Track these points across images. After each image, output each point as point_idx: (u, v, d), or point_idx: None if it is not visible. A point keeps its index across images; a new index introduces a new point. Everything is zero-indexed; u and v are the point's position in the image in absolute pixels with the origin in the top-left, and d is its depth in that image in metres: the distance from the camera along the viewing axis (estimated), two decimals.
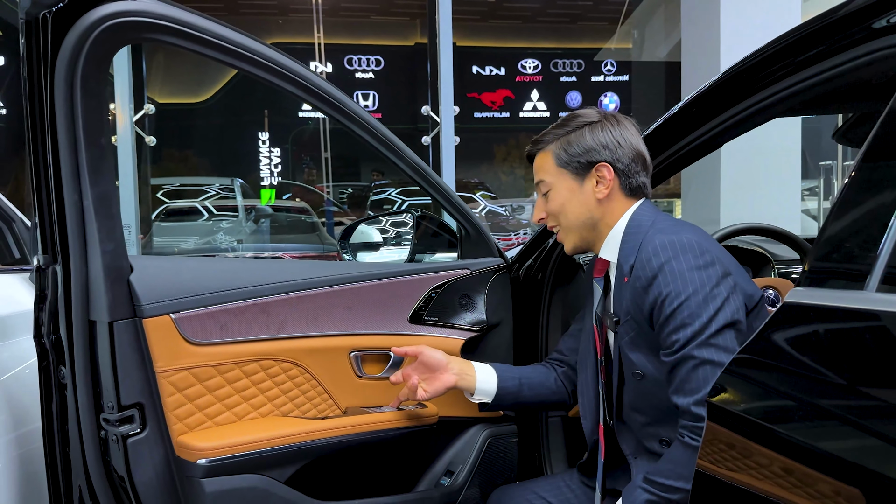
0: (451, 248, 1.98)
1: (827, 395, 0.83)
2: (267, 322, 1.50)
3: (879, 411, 0.77)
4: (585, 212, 1.41)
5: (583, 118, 1.42)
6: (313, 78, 1.46)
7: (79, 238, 1.26)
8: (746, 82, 1.34)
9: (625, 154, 1.39)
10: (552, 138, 1.44)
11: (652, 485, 1.24)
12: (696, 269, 1.24)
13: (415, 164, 1.67)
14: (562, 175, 1.42)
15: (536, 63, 12.19)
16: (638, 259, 1.30)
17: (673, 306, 1.23)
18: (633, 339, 1.33)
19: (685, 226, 1.35)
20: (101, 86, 1.21)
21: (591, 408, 1.48)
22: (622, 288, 1.35)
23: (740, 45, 4.46)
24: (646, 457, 1.37)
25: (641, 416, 1.36)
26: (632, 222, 1.38)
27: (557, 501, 1.54)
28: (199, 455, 1.35)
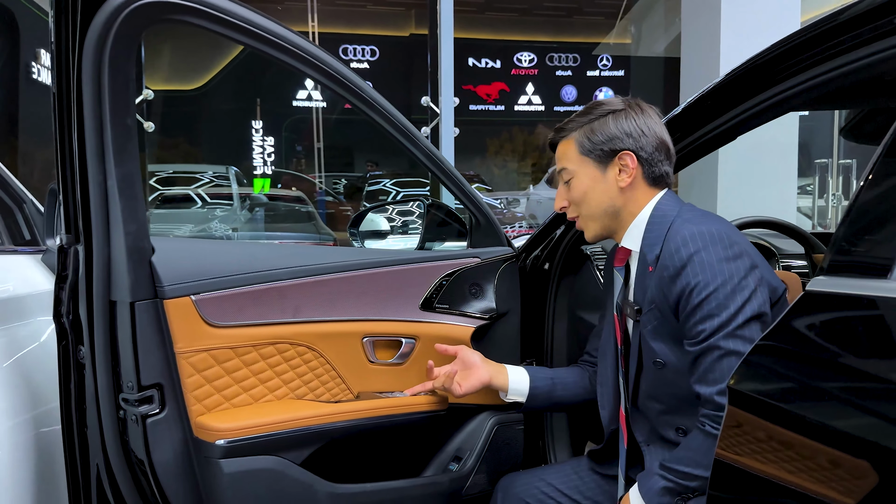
0: (460, 237, 2.00)
1: (850, 381, 0.86)
2: (283, 306, 1.51)
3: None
4: (607, 200, 1.40)
5: (606, 106, 1.41)
6: (335, 64, 1.47)
7: (102, 218, 1.27)
8: (766, 74, 1.36)
9: (648, 143, 1.39)
10: (575, 126, 1.43)
11: (670, 472, 1.26)
12: (725, 260, 1.24)
13: (430, 153, 1.69)
14: (584, 163, 1.41)
15: (532, 56, 12.19)
16: (665, 249, 1.30)
17: (701, 297, 1.23)
18: (656, 328, 1.34)
19: (712, 216, 1.35)
20: (129, 66, 1.21)
21: (610, 397, 1.50)
22: (645, 277, 1.35)
23: (740, 41, 4.50)
24: (659, 444, 1.39)
25: (658, 404, 1.37)
26: (656, 211, 1.38)
27: (566, 488, 1.55)
28: (217, 436, 1.37)
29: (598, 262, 2.00)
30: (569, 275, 1.98)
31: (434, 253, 1.84)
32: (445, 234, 2.00)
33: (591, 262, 1.99)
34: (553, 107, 12.21)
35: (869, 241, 0.93)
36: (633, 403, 1.42)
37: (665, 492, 1.26)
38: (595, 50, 11.95)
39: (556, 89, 12.23)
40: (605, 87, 12.07)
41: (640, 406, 1.42)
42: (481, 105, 11.76)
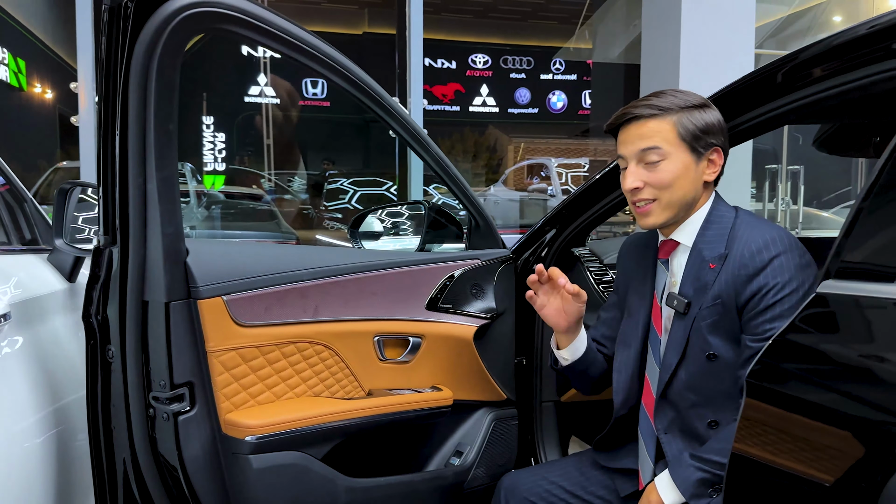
0: (457, 239, 2.07)
1: (860, 376, 0.96)
2: (304, 306, 1.56)
3: None
4: (692, 191, 1.40)
5: (694, 98, 1.40)
6: (361, 74, 1.53)
7: (140, 220, 1.29)
8: (762, 90, 1.46)
9: (727, 145, 1.43)
10: (674, 107, 1.38)
11: (707, 463, 1.32)
12: (801, 266, 1.31)
13: (438, 158, 1.76)
14: (681, 148, 1.38)
15: (487, 58, 12.33)
16: (743, 249, 1.34)
17: (777, 297, 1.29)
18: (717, 322, 1.36)
19: (770, 222, 1.42)
20: (175, 74, 1.25)
21: (626, 385, 1.53)
22: (701, 272, 1.38)
23: (699, 49, 4.69)
24: (678, 435, 1.43)
25: (695, 396, 1.40)
26: (715, 210, 1.42)
27: (570, 485, 1.59)
28: (247, 432, 1.41)
29: (588, 263, 2.10)
30: None
31: (437, 255, 1.91)
32: (444, 236, 2.07)
33: (582, 263, 2.08)
34: (507, 108, 12.36)
35: (877, 249, 1.04)
36: (663, 393, 1.44)
37: (701, 483, 1.32)
38: (557, 54, 12.15)
39: (510, 91, 12.38)
40: (558, 91, 12.29)
41: (671, 395, 1.43)
42: (437, 105, 11.84)
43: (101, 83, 1.27)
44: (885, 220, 1.04)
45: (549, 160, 9.90)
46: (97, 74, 1.27)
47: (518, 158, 12.72)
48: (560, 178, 9.47)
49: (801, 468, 0.97)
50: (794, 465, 0.98)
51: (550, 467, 1.68)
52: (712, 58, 4.68)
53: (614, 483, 1.58)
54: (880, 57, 1.20)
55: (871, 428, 0.89)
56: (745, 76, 1.50)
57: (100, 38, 1.24)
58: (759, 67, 1.46)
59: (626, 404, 1.54)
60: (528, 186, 10.12)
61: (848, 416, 0.93)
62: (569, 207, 1.95)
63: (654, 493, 1.39)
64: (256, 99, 10.92)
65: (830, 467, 0.93)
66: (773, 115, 1.47)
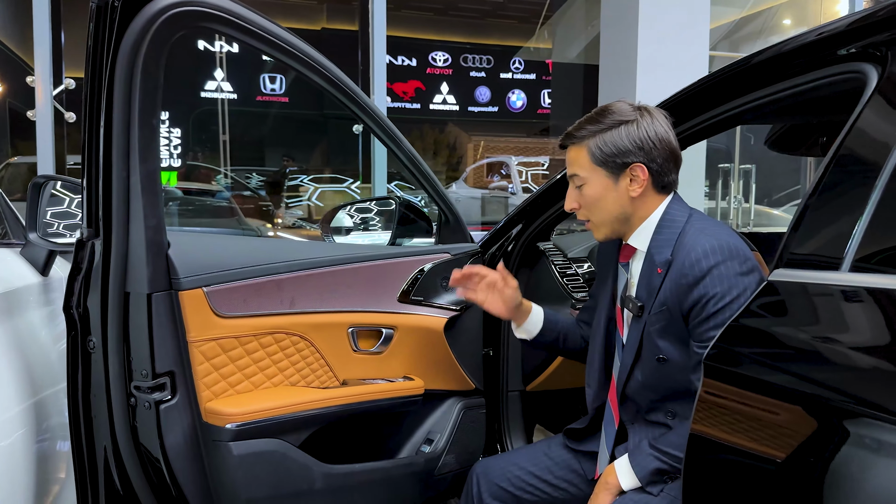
0: (427, 234, 2.13)
1: (807, 356, 1.04)
2: (281, 297, 1.60)
3: (852, 370, 0.97)
4: (619, 208, 1.48)
5: (617, 115, 1.45)
6: (339, 73, 1.57)
7: (123, 213, 1.32)
8: (716, 93, 1.55)
9: (659, 154, 1.45)
10: (587, 134, 1.46)
11: (663, 454, 1.40)
12: (741, 274, 1.34)
13: (411, 155, 1.81)
14: (596, 172, 1.47)
15: (447, 56, 12.36)
16: (685, 257, 1.38)
17: (718, 307, 1.33)
18: (665, 327, 1.42)
19: (722, 227, 1.45)
20: (159, 71, 1.28)
21: (597, 377, 1.62)
22: (652, 277, 1.44)
23: (656, 50, 4.81)
24: (643, 424, 1.52)
25: (653, 394, 1.48)
26: (666, 216, 1.47)
27: (537, 470, 1.67)
28: (227, 419, 1.45)
29: (553, 258, 2.18)
30: (524, 269, 2.14)
31: (409, 248, 1.96)
32: (414, 231, 2.13)
33: (547, 257, 2.16)
34: (467, 107, 12.43)
35: (822, 240, 1.13)
36: (624, 391, 1.53)
37: (657, 472, 1.41)
38: (518, 53, 12.25)
39: (470, 90, 12.45)
40: (517, 89, 12.40)
41: (631, 393, 1.52)
42: (398, 103, 11.85)
43: (86, 79, 1.29)
44: (829, 215, 1.12)
45: (509, 158, 10.00)
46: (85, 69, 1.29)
47: (478, 157, 12.81)
48: (520, 177, 9.59)
49: (755, 446, 1.03)
50: (747, 443, 1.04)
51: (519, 454, 1.75)
52: (668, 58, 4.81)
53: (581, 466, 1.67)
54: (827, 62, 1.29)
55: (819, 405, 0.95)
56: (700, 80, 1.59)
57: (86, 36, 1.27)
58: (713, 71, 1.55)
59: (598, 398, 1.62)
60: (489, 184, 10.22)
61: (797, 393, 0.99)
62: (533, 204, 2.03)
63: (613, 475, 1.47)
64: (213, 94, 10.79)
65: (782, 444, 0.99)
66: (726, 117, 1.56)
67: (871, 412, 0.88)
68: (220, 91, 10.71)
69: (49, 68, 4.32)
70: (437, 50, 12.25)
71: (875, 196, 1.02)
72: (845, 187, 1.11)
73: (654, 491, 1.42)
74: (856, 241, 1.03)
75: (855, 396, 0.92)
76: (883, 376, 0.92)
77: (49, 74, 4.32)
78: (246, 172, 10.84)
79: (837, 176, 1.12)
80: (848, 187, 1.11)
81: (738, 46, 8.47)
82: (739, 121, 1.62)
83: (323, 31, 11.88)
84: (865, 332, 1.00)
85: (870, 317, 1.01)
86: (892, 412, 0.85)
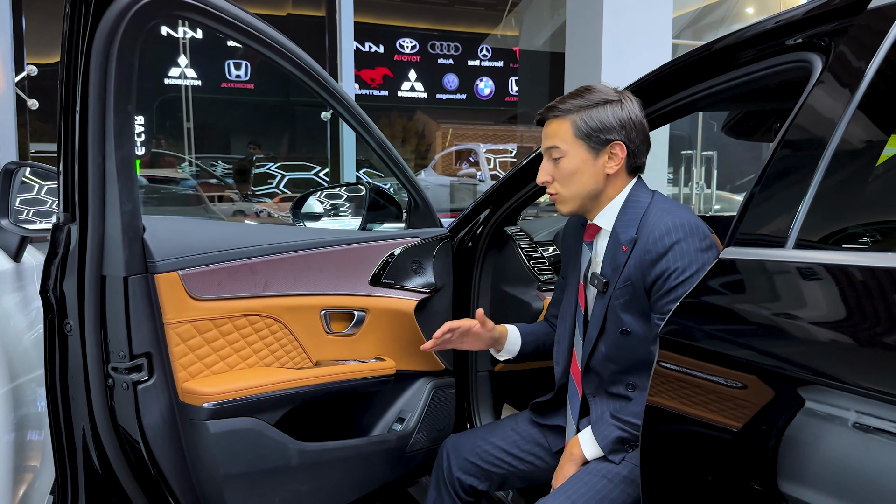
0: (397, 218, 2.17)
1: (757, 329, 1.11)
2: (255, 281, 1.63)
3: (796, 340, 1.03)
4: (592, 183, 1.52)
5: (602, 94, 1.51)
6: (309, 61, 1.61)
7: (99, 198, 1.35)
8: (673, 82, 1.61)
9: (637, 136, 1.52)
10: (572, 108, 1.51)
11: (624, 423, 1.47)
12: (701, 251, 1.42)
13: (381, 141, 1.85)
14: (577, 146, 1.51)
15: (414, 43, 12.31)
16: (648, 234, 1.45)
17: (678, 280, 1.41)
18: (628, 302, 1.49)
19: (683, 207, 1.52)
20: (135, 57, 1.30)
21: (565, 355, 1.67)
22: (617, 255, 1.50)
23: (621, 38, 4.89)
24: (604, 396, 1.59)
25: (615, 365, 1.54)
26: (632, 196, 1.53)
27: (506, 444, 1.73)
28: (204, 399, 1.48)
29: (520, 242, 2.24)
30: (493, 253, 2.20)
31: (380, 233, 2.01)
32: (384, 216, 2.17)
33: (514, 241, 2.22)
34: (435, 94, 12.42)
35: (768, 220, 1.20)
36: (587, 363, 1.59)
37: (619, 440, 1.48)
38: (485, 40, 12.25)
39: (438, 77, 12.43)
40: (485, 77, 12.43)
41: (594, 365, 1.58)
42: (366, 90, 11.80)
43: (62, 65, 1.31)
44: (775, 197, 1.19)
45: (477, 146, 10.05)
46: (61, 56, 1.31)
47: (447, 144, 12.82)
48: (489, 164, 9.64)
49: (710, 416, 1.09)
50: (703, 414, 1.10)
51: (488, 429, 1.81)
52: (632, 46, 4.89)
53: (546, 440, 1.73)
54: (783, 49, 1.34)
55: (767, 375, 1.02)
56: (662, 66, 1.65)
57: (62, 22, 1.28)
58: (675, 58, 1.61)
59: (565, 373, 1.68)
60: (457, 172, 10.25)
61: (746, 363, 1.05)
62: (501, 190, 2.08)
63: (577, 446, 1.54)
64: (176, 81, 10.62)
65: (734, 414, 1.05)
66: (687, 102, 1.62)
67: (814, 379, 0.95)
68: (183, 78, 10.56)
69: (10, 54, 4.26)
70: (404, 37, 12.20)
71: (816, 178, 1.09)
72: (790, 171, 1.18)
73: (615, 459, 1.49)
74: (799, 220, 1.10)
75: (800, 365, 0.98)
76: (823, 345, 0.99)
77: (10, 61, 4.26)
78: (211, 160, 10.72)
79: (783, 160, 1.19)
80: (793, 171, 1.17)
81: (702, 34, 8.59)
82: (697, 107, 1.68)
83: (289, 16, 11.74)
84: (808, 304, 1.07)
85: (811, 290, 1.08)
86: (831, 377, 0.92)
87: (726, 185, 7.45)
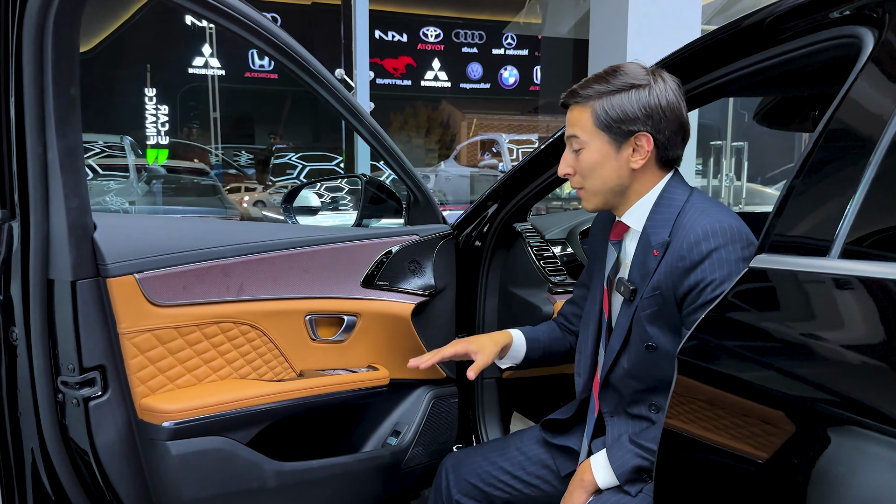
0: (396, 214, 2.01)
1: (792, 351, 0.94)
2: (227, 284, 1.48)
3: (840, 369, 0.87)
4: (616, 178, 1.35)
5: (630, 77, 1.32)
6: (288, 40, 1.44)
7: (41, 193, 1.20)
8: (699, 62, 1.43)
9: (667, 126, 1.32)
10: (594, 94, 1.33)
11: (644, 450, 1.30)
12: (742, 260, 1.23)
13: (373, 129, 1.69)
14: (598, 136, 1.34)
15: (438, 32, 12.17)
16: (683, 238, 1.28)
17: (715, 294, 1.21)
18: (656, 313, 1.32)
19: (724, 208, 1.33)
20: (74, 32, 1.15)
21: (587, 366, 1.50)
22: (647, 259, 1.33)
23: (647, 25, 4.68)
24: (623, 417, 1.42)
25: (638, 384, 1.37)
26: (665, 193, 1.35)
27: (510, 466, 1.57)
28: (164, 417, 1.33)
29: (530, 239, 2.06)
30: (501, 251, 2.03)
31: (374, 230, 1.84)
32: (382, 211, 2.01)
33: (523, 238, 2.05)
34: (459, 83, 12.26)
35: (808, 223, 1.02)
36: (606, 378, 1.42)
37: (637, 469, 1.30)
38: (505, 28, 12.05)
39: (462, 66, 12.27)
40: (510, 66, 12.23)
41: (614, 381, 1.41)
42: (388, 79, 11.67)
43: None
44: (817, 196, 1.01)
45: (499, 136, 9.87)
46: None
47: (471, 134, 12.67)
48: (511, 154, 9.46)
49: (733, 445, 0.94)
50: (726, 443, 0.95)
51: (491, 447, 1.66)
52: (659, 34, 4.67)
53: (554, 462, 1.57)
54: (827, 24, 1.16)
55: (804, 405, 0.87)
56: (685, 45, 1.47)
57: None
58: (699, 36, 1.43)
59: (587, 387, 1.51)
60: (479, 162, 10.09)
61: (780, 392, 0.90)
62: (509, 182, 1.91)
63: (589, 472, 1.37)
64: (202, 70, 10.60)
65: (763, 444, 0.91)
66: (714, 86, 1.44)
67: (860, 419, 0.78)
68: (208, 67, 10.52)
69: None
70: (428, 25, 12.04)
71: (868, 174, 0.91)
72: (835, 165, 1.00)
73: (631, 491, 1.32)
74: (846, 224, 0.92)
75: (844, 398, 0.83)
76: (874, 377, 0.82)
77: None
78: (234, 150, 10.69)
79: (827, 153, 1.01)
80: (838, 165, 1.00)
81: None
82: (725, 91, 1.50)
83: (313, 5, 11.66)
84: (855, 325, 0.90)
85: (860, 309, 0.91)
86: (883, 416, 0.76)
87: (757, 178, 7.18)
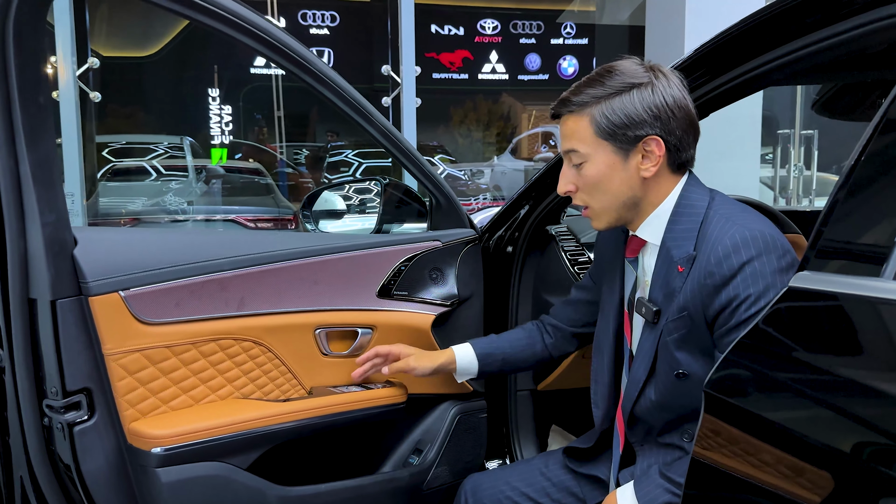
0: (420, 217, 1.89)
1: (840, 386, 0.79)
2: (226, 298, 1.39)
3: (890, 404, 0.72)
4: (627, 191, 1.21)
5: (628, 76, 1.17)
6: (282, 36, 1.34)
7: (15, 208, 1.14)
8: (742, 47, 1.27)
9: (678, 125, 1.18)
10: (590, 100, 1.19)
11: (675, 485, 1.16)
12: (780, 271, 1.10)
13: (384, 129, 1.57)
14: (601, 146, 1.19)
15: (496, 23, 11.99)
16: (710, 252, 1.14)
17: (750, 312, 1.09)
18: (684, 336, 1.18)
19: (751, 211, 1.19)
20: (39, 36, 1.08)
21: (605, 395, 1.37)
22: (670, 277, 1.19)
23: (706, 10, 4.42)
24: (654, 446, 1.28)
25: (669, 414, 1.24)
26: (683, 200, 1.21)
27: (532, 491, 1.46)
28: (153, 443, 1.26)
29: (564, 243, 1.92)
30: (533, 256, 1.90)
31: (391, 237, 1.74)
32: (404, 215, 1.89)
33: (557, 242, 1.91)
34: (517, 75, 12.06)
35: (859, 236, 0.86)
36: (633, 409, 1.29)
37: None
38: (559, 18, 11.78)
39: (520, 57, 12.06)
40: (569, 56, 11.95)
41: (641, 413, 1.27)
42: (444, 73, 11.56)
43: None
44: (872, 203, 0.85)
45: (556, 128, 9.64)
46: None
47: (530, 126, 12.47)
48: None
49: (770, 491, 0.81)
50: (760, 489, 0.82)
51: (514, 470, 1.54)
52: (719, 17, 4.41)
53: (581, 489, 1.45)
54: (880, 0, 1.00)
55: (858, 448, 0.74)
56: (725, 29, 1.30)
57: None
58: (740, 19, 1.26)
59: (607, 417, 1.38)
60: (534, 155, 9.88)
61: (829, 434, 0.77)
62: (541, 182, 1.77)
63: None
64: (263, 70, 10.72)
65: (804, 495, 0.77)
66: (758, 73, 1.27)
67: None
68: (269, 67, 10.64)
69: (71, 46, 4.21)
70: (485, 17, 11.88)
71: None
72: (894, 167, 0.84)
73: None
74: None
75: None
76: None
77: (72, 52, 4.21)
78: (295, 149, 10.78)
79: (883, 153, 0.85)
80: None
81: None
82: (771, 80, 1.32)
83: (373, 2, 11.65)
84: None
85: None
86: None
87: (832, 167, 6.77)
